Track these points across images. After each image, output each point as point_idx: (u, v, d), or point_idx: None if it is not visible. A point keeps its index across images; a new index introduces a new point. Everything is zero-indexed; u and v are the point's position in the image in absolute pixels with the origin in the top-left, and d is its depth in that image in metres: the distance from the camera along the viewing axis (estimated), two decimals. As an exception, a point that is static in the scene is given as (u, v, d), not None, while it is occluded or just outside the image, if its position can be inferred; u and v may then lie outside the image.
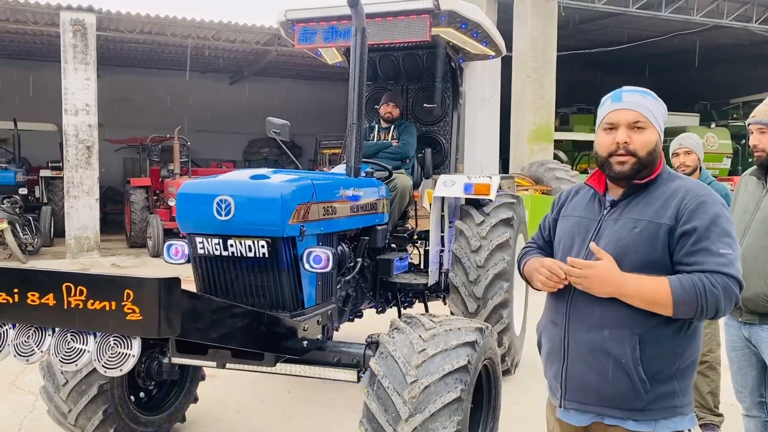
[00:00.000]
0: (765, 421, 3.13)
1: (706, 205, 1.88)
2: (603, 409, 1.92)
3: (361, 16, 3.91)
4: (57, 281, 2.14)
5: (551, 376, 2.06)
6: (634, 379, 1.85)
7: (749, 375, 3.09)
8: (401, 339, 3.10)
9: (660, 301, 1.81)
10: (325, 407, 4.50)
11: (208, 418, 4.28)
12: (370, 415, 2.95)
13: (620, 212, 1.98)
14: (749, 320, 2.96)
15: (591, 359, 1.91)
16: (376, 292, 4.63)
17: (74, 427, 3.57)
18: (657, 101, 2.04)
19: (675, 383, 1.88)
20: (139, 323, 2.05)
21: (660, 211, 1.90)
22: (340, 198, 3.73)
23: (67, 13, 11.39)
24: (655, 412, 1.87)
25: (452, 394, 2.85)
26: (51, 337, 2.22)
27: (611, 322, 1.89)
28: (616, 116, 1.99)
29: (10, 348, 2.26)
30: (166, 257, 3.41)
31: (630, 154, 1.95)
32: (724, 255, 1.83)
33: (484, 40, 5.27)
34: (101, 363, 2.14)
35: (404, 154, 5.30)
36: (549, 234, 2.24)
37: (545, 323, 2.13)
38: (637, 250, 1.89)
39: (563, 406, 2.01)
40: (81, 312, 2.12)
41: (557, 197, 2.30)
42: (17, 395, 4.73)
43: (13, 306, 2.19)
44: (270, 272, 3.23)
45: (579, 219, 2.07)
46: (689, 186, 1.95)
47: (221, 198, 3.11)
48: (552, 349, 2.04)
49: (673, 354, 1.88)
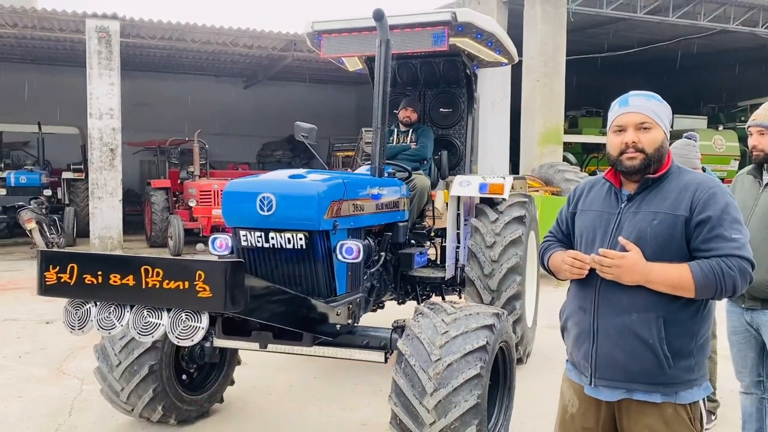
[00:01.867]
0: (761, 398, 3.44)
1: (716, 196, 2.09)
2: (631, 384, 2.13)
3: (386, 29, 4.24)
4: (136, 264, 2.50)
5: (580, 357, 2.24)
6: (660, 357, 2.07)
7: (749, 356, 3.40)
8: (426, 322, 3.43)
9: (684, 285, 2.03)
10: (350, 391, 4.84)
11: (242, 400, 4.62)
12: (398, 390, 3.28)
13: (638, 205, 2.17)
14: (752, 306, 3.26)
15: (620, 340, 2.12)
16: (397, 284, 4.96)
17: (126, 404, 3.93)
18: (661, 103, 2.24)
19: (693, 359, 2.11)
20: (209, 300, 2.40)
21: (676, 204, 2.11)
22: (367, 196, 4.07)
23: (93, 21, 11.82)
24: (676, 386, 2.10)
25: (472, 371, 3.18)
26: (129, 312, 2.57)
27: (638, 306, 2.09)
28: (624, 119, 2.20)
29: (93, 323, 2.61)
30: (212, 249, 3.76)
31: (639, 151, 2.15)
32: (737, 240, 2.06)
33: (497, 49, 5.59)
34: (174, 334, 2.49)
35: (422, 155, 5.62)
36: (567, 227, 2.40)
37: (572, 309, 2.30)
38: (657, 240, 2.09)
39: (593, 384, 2.20)
40: (157, 291, 2.47)
41: (572, 192, 2.46)
42: (65, 380, 5.09)
43: (97, 286, 2.55)
44: (306, 262, 3.57)
45: (599, 213, 2.25)
46: (700, 179, 2.17)
47: (264, 195, 3.45)
48: (581, 332, 2.23)
49: (692, 333, 2.11)
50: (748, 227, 3.21)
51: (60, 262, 2.59)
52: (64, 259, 2.58)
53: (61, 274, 2.58)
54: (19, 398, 4.66)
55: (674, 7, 14.08)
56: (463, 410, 3.13)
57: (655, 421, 2.12)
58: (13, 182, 13.54)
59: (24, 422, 4.20)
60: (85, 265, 2.57)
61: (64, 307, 2.70)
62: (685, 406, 2.13)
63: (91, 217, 12.15)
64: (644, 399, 2.13)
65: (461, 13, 4.84)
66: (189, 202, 12.77)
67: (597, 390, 2.20)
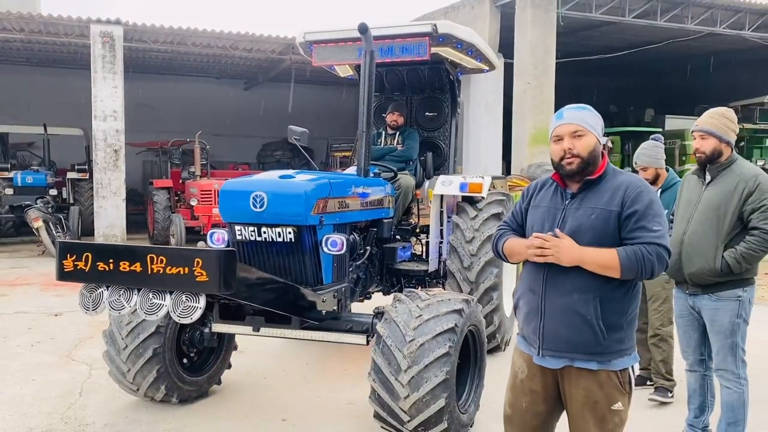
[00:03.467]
0: (703, 375, 3.84)
1: (642, 194, 2.46)
2: (573, 354, 2.48)
3: (370, 41, 4.63)
4: (143, 253, 2.88)
5: (530, 331, 2.59)
6: (596, 330, 2.43)
7: (692, 337, 3.79)
8: (402, 308, 3.82)
9: (612, 265, 2.39)
10: (339, 375, 5.23)
11: (239, 383, 5.01)
12: (376, 368, 3.67)
13: (579, 202, 2.53)
14: (694, 292, 3.65)
15: (564, 317, 2.47)
16: (383, 276, 5.35)
17: (132, 384, 4.32)
18: (592, 113, 2.57)
19: (624, 332, 2.48)
20: (206, 283, 2.79)
21: (610, 200, 2.47)
22: (352, 194, 4.46)
23: (97, 26, 12.22)
24: (609, 355, 2.46)
25: (442, 350, 3.57)
26: (137, 295, 2.96)
27: (579, 288, 2.45)
28: (560, 129, 2.55)
29: (105, 304, 3.00)
30: (210, 243, 4.15)
31: (575, 156, 2.50)
32: (657, 231, 2.41)
33: (478, 57, 5.98)
34: (176, 313, 2.88)
35: (408, 157, 6.01)
36: (522, 219, 2.73)
37: (523, 291, 2.65)
38: (595, 231, 2.46)
39: (541, 354, 2.55)
40: (161, 276, 2.86)
41: (526, 190, 2.81)
42: (74, 366, 5.48)
43: (109, 272, 2.94)
44: (295, 254, 3.97)
45: (547, 208, 2.61)
46: (630, 180, 2.53)
47: (256, 194, 3.84)
48: (531, 311, 2.58)
49: (623, 310, 2.48)
50: (692, 220, 3.62)
51: (77, 251, 2.97)
52: (81, 249, 2.97)
53: (78, 261, 2.97)
54: (33, 381, 5.04)
55: (662, 10, 14.45)
56: (433, 384, 3.52)
57: (591, 384, 2.49)
58: (20, 182, 13.93)
59: (39, 402, 4.59)
60: (99, 254, 2.95)
61: (80, 291, 3.09)
62: (616, 372, 2.49)
63: (95, 215, 12.56)
64: (583, 366, 2.49)
65: (442, 24, 5.23)
66: (190, 202, 13.17)
67: (544, 359, 2.57)
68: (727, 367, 3.56)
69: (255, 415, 4.40)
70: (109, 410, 4.45)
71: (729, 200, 3.49)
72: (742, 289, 3.53)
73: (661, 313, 4.64)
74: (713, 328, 3.59)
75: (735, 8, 15.04)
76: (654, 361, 4.68)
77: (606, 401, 2.48)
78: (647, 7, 14.33)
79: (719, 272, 3.48)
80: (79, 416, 4.34)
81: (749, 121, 19.02)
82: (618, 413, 2.50)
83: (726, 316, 3.53)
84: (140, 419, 4.28)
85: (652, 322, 4.69)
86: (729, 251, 3.46)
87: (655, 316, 4.64)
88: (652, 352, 4.72)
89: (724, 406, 3.62)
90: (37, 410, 4.44)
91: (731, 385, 3.57)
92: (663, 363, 4.63)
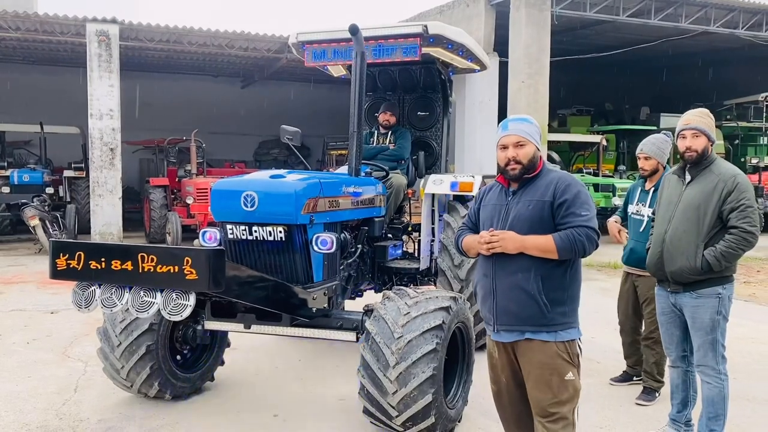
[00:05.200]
0: (686, 371, 3.91)
1: (570, 186, 2.84)
2: (523, 327, 2.83)
3: (361, 42, 4.69)
4: (134, 252, 2.95)
5: (486, 311, 2.96)
6: (540, 304, 2.78)
7: (674, 334, 3.87)
8: (391, 305, 3.89)
9: (549, 248, 2.76)
10: (330, 372, 5.30)
11: (232, 379, 5.08)
12: (365, 364, 3.74)
13: (519, 197, 2.92)
14: (675, 289, 3.73)
15: (511, 294, 2.83)
16: (374, 274, 5.42)
17: (125, 380, 4.38)
18: (532, 124, 2.96)
19: (566, 306, 2.84)
20: (196, 281, 2.86)
21: (544, 193, 2.86)
22: (343, 194, 4.53)
23: (93, 25, 12.26)
24: (555, 326, 2.81)
25: (429, 346, 3.65)
26: (128, 293, 3.03)
27: (522, 268, 2.81)
28: (505, 140, 2.93)
29: (98, 302, 3.06)
30: (202, 242, 4.21)
31: (517, 162, 2.88)
32: (584, 216, 2.78)
33: (469, 57, 6.04)
34: (167, 311, 2.95)
35: (400, 156, 6.07)
36: (476, 218, 3.11)
37: (479, 277, 3.03)
38: (532, 220, 2.83)
39: (496, 330, 2.92)
40: (152, 274, 2.93)
41: (478, 192, 3.21)
42: (70, 362, 5.54)
43: (101, 271, 3.00)
44: (286, 253, 4.03)
45: (494, 206, 3.00)
46: (560, 175, 2.92)
47: (247, 193, 3.90)
48: (486, 293, 2.94)
49: (564, 286, 2.84)
50: (673, 219, 3.70)
51: (69, 250, 3.04)
52: (73, 248, 3.03)
53: (70, 260, 3.03)
54: (29, 378, 5.11)
55: (656, 9, 14.52)
56: (421, 380, 3.60)
57: (543, 356, 2.82)
58: (16, 180, 13.98)
59: (34, 398, 4.65)
60: (91, 252, 3.02)
61: (73, 289, 3.15)
62: (564, 344, 2.83)
63: (92, 214, 12.61)
64: (533, 338, 2.82)
65: (432, 26, 5.28)
66: (187, 200, 13.23)
67: (499, 334, 2.93)
68: (708, 363, 3.64)
69: (247, 410, 4.47)
70: (104, 406, 4.52)
71: (709, 200, 3.56)
72: (722, 287, 3.60)
73: (654, 317, 4.69)
74: (694, 324, 3.67)
75: (728, 7, 15.12)
76: (647, 362, 4.75)
77: (558, 372, 2.81)
78: (641, 5, 14.41)
79: (700, 270, 3.55)
80: (73, 412, 4.40)
81: (743, 119, 19.14)
82: (572, 383, 2.83)
83: (707, 313, 3.61)
84: (134, 415, 4.34)
85: (647, 325, 4.76)
86: (709, 250, 3.53)
87: (650, 320, 4.67)
88: (644, 354, 4.78)
89: (705, 401, 3.70)
90: (32, 406, 4.50)
91: (711, 380, 3.64)
92: (655, 365, 4.69)
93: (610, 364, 5.43)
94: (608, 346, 5.84)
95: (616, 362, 5.34)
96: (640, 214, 4.68)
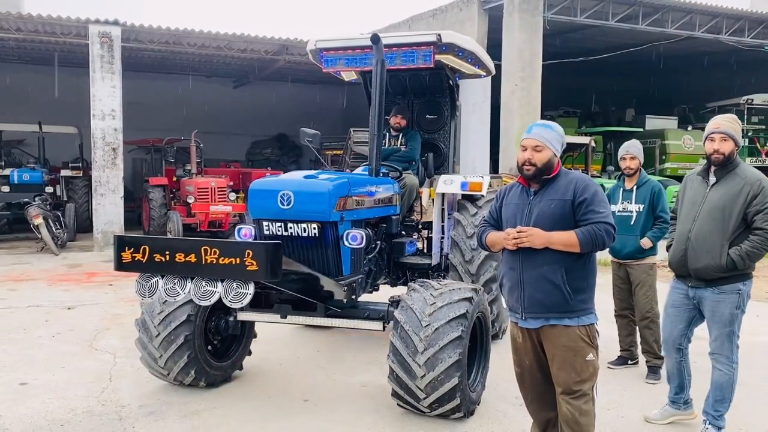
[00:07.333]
0: (680, 361, 4.22)
1: (589, 186, 3.15)
2: (548, 314, 3.15)
3: (381, 51, 5.00)
4: (198, 245, 3.24)
5: (514, 301, 3.26)
6: (564, 293, 3.10)
7: (677, 327, 4.14)
8: (417, 296, 4.21)
9: (573, 243, 3.07)
10: (350, 361, 5.61)
11: (257, 368, 5.37)
12: (395, 350, 4.06)
13: (541, 197, 3.21)
14: (697, 285, 3.96)
15: (538, 285, 3.14)
16: (390, 269, 5.73)
17: (163, 369, 4.65)
18: (554, 132, 3.24)
19: (586, 294, 3.17)
20: (256, 272, 3.16)
21: (564, 192, 3.16)
22: (366, 193, 4.84)
23: (95, 27, 12.43)
24: (576, 312, 3.13)
25: (455, 333, 3.97)
26: (190, 283, 3.32)
27: (548, 261, 3.12)
28: (526, 142, 3.23)
29: (161, 291, 3.35)
30: (237, 238, 4.50)
31: (531, 164, 3.17)
32: (602, 213, 3.09)
33: (477, 64, 6.37)
34: (228, 299, 3.24)
35: (411, 157, 6.39)
36: (498, 216, 3.39)
37: (505, 270, 3.31)
38: (554, 217, 3.13)
39: (524, 317, 3.22)
40: (214, 266, 3.22)
41: (499, 191, 3.48)
42: (98, 354, 5.79)
43: (165, 263, 3.29)
44: (319, 248, 4.34)
45: (516, 204, 3.29)
46: (578, 177, 3.23)
47: (284, 192, 4.21)
48: (513, 285, 3.24)
49: (584, 276, 3.16)
50: (697, 219, 3.92)
51: (134, 244, 3.32)
52: (138, 242, 3.32)
53: (135, 254, 3.31)
54: (63, 368, 5.36)
55: (644, 15, 14.98)
56: (447, 365, 3.92)
57: (566, 340, 3.14)
58: (16, 180, 14.09)
59: (73, 386, 4.91)
60: (156, 246, 3.31)
61: (136, 279, 3.43)
62: (585, 327, 3.15)
63: (94, 212, 12.78)
64: (557, 323, 3.14)
65: (445, 34, 5.61)
66: (187, 199, 13.44)
67: (527, 321, 3.23)
68: (723, 352, 3.91)
69: (278, 396, 4.76)
70: (141, 393, 4.78)
71: (734, 201, 3.77)
72: (743, 283, 3.85)
73: (648, 298, 5.11)
74: (713, 317, 3.91)
75: (713, 13, 15.63)
76: (646, 342, 5.14)
77: (581, 354, 3.13)
78: (630, 11, 14.87)
79: (724, 268, 3.78)
80: (114, 399, 4.67)
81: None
82: (592, 363, 3.16)
83: (727, 307, 3.86)
84: (172, 401, 4.61)
85: (642, 306, 5.14)
86: (734, 249, 3.76)
87: (644, 300, 5.10)
88: (643, 335, 5.17)
89: (714, 384, 3.96)
90: (73, 394, 4.76)
91: (724, 368, 3.91)
92: (655, 342, 5.08)
93: (609, 352, 5.78)
94: (604, 335, 6.17)
95: (610, 349, 5.67)
96: (627, 210, 5.17)
